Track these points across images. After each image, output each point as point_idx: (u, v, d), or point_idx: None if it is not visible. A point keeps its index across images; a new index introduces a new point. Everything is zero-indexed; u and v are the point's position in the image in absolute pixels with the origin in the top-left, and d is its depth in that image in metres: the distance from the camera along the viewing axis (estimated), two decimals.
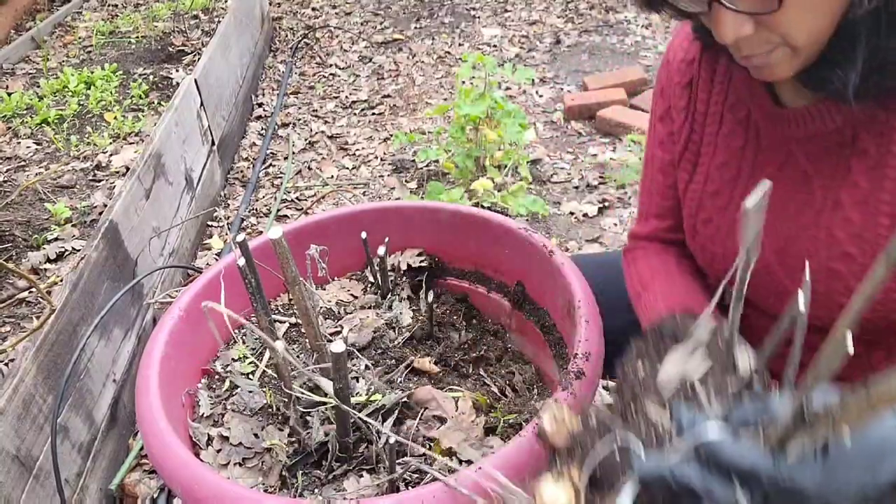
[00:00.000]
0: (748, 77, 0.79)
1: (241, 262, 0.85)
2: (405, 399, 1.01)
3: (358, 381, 1.04)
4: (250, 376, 1.09)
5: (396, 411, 0.99)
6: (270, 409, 1.02)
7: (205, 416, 1.01)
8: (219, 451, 0.95)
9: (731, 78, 0.86)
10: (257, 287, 0.91)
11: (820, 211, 0.78)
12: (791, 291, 0.80)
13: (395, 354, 1.12)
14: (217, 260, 2.01)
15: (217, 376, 1.10)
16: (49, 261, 1.84)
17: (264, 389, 1.04)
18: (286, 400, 0.94)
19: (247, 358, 1.13)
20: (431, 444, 0.95)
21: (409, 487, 0.87)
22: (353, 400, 0.92)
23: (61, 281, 1.73)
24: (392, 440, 0.78)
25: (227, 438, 0.96)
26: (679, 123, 0.93)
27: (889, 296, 0.73)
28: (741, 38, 0.67)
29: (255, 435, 0.97)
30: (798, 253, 0.80)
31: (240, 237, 0.85)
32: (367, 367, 1.08)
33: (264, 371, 1.09)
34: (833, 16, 0.65)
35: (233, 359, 1.13)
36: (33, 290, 1.68)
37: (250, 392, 1.05)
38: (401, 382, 1.06)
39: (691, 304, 0.89)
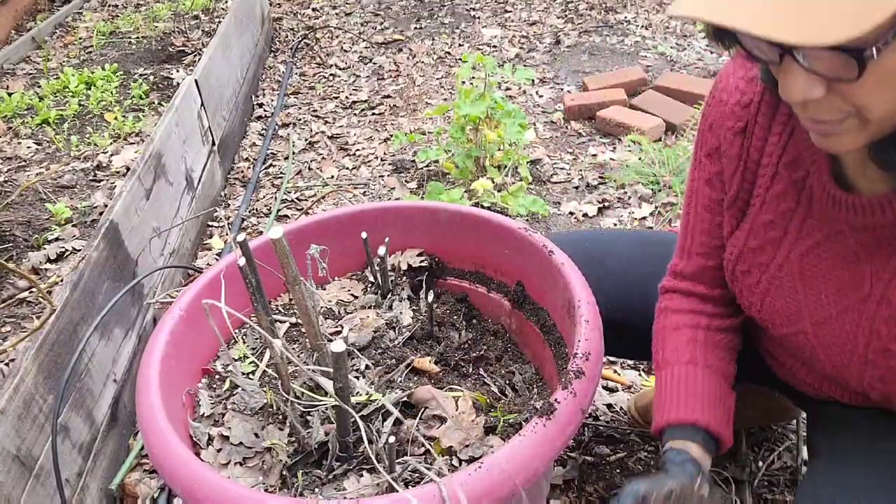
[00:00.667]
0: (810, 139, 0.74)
1: (242, 261, 0.85)
2: (405, 399, 1.02)
3: (358, 381, 1.05)
4: (251, 376, 1.09)
5: (396, 412, 0.99)
6: (271, 409, 1.02)
7: (205, 415, 1.01)
8: (219, 450, 0.95)
9: (793, 132, 0.79)
10: (258, 287, 0.91)
11: (866, 299, 0.75)
12: (822, 361, 0.80)
13: (395, 354, 1.12)
14: (217, 260, 2.01)
15: (217, 376, 1.10)
16: (49, 261, 1.84)
17: (264, 389, 1.05)
18: (286, 399, 0.94)
19: (247, 358, 1.13)
20: (431, 444, 0.95)
21: (409, 487, 0.87)
22: (353, 399, 0.92)
23: (62, 281, 1.73)
24: (391, 440, 0.78)
25: (227, 438, 0.97)
26: (731, 171, 0.87)
27: None
28: (809, 100, 0.60)
29: (256, 434, 0.97)
30: (837, 331, 0.78)
31: (240, 237, 0.85)
32: (367, 366, 1.08)
33: (265, 371, 1.09)
34: None
35: (233, 358, 1.13)
36: (34, 290, 1.68)
37: (250, 392, 1.05)
38: (401, 382, 1.06)
39: (703, 419, 0.87)
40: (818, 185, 0.77)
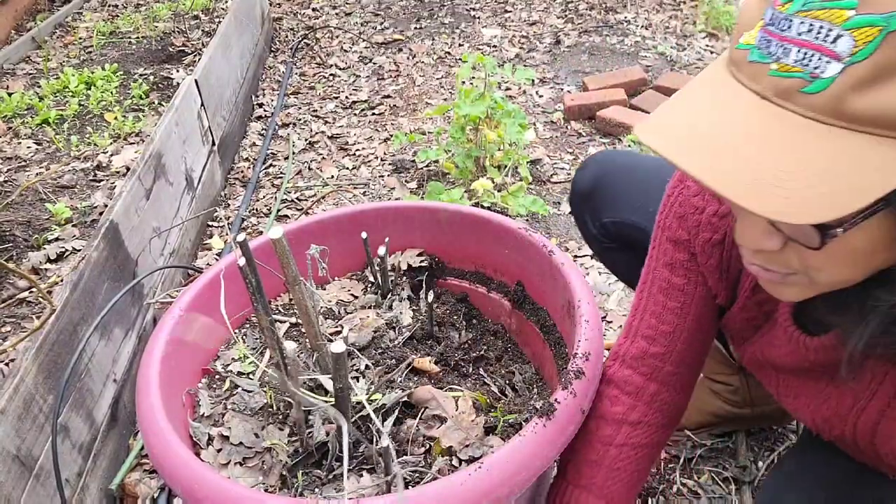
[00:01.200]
0: None
1: (242, 262, 0.85)
2: (406, 399, 1.02)
3: (358, 381, 1.05)
4: (251, 376, 1.09)
5: (396, 411, 0.99)
6: (271, 409, 1.02)
7: (205, 415, 1.01)
8: (219, 450, 0.95)
9: None
10: (258, 287, 0.91)
11: (859, 408, 0.75)
12: (822, 431, 0.81)
13: (394, 354, 1.12)
14: (217, 260, 2.01)
15: (217, 376, 1.10)
16: (49, 261, 1.84)
17: (264, 389, 1.05)
18: (288, 400, 0.94)
19: (247, 358, 1.13)
20: (431, 444, 0.95)
21: (409, 486, 0.87)
22: (353, 399, 0.92)
23: (62, 281, 1.73)
24: (386, 443, 0.78)
25: (227, 438, 0.97)
26: (714, 280, 0.86)
27: None
28: (763, 250, 0.60)
29: (256, 435, 0.97)
30: (830, 429, 0.79)
31: (240, 237, 0.85)
32: (367, 366, 1.08)
33: (265, 371, 1.09)
34: (867, 272, 0.59)
35: (233, 358, 1.13)
36: (34, 290, 1.68)
37: (250, 392, 1.05)
38: (401, 382, 1.06)
39: None
40: (781, 319, 0.78)
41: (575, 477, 0.94)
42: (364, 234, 1.20)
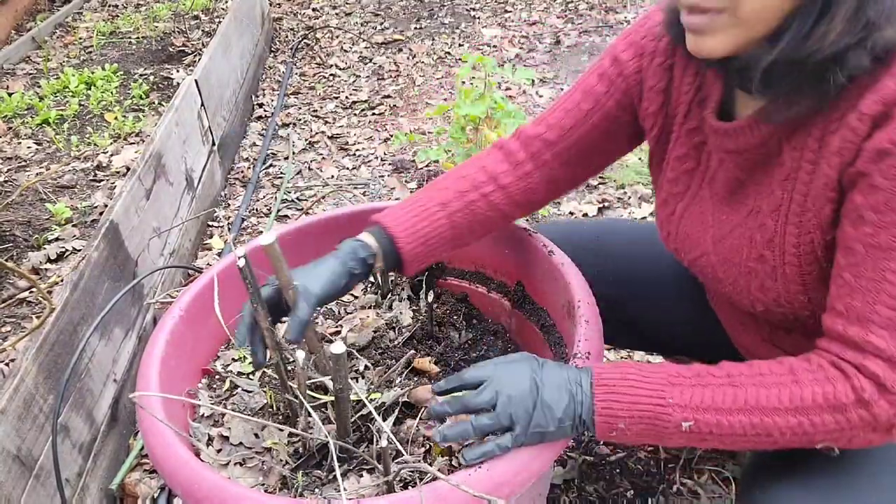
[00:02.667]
0: (712, 78, 0.84)
1: (242, 262, 0.85)
2: (406, 399, 1.01)
3: (357, 381, 1.05)
4: (250, 376, 1.09)
5: (396, 411, 0.99)
6: (271, 409, 1.02)
7: (205, 416, 1.01)
8: (219, 450, 0.95)
9: (706, 73, 0.87)
10: (256, 291, 0.91)
11: (748, 214, 0.83)
12: (720, 277, 0.90)
13: (395, 354, 1.12)
14: (218, 260, 2.01)
15: (217, 376, 1.10)
16: (50, 261, 1.84)
17: (264, 389, 1.05)
18: (290, 400, 0.94)
19: (247, 358, 1.13)
20: (431, 444, 0.95)
21: (409, 487, 0.87)
22: (352, 398, 0.92)
23: (62, 281, 1.73)
24: (384, 443, 0.78)
25: (227, 438, 0.97)
26: (655, 108, 0.94)
27: (795, 297, 0.80)
28: None
29: (256, 435, 0.97)
30: (729, 247, 0.87)
31: (240, 251, 0.85)
32: (366, 367, 1.08)
33: (264, 372, 1.09)
34: (783, 8, 0.66)
35: (233, 359, 1.13)
36: (34, 289, 1.68)
37: (250, 392, 1.05)
38: (400, 382, 1.06)
39: (394, 226, 0.96)
40: (707, 119, 0.85)
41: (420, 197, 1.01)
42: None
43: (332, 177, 2.57)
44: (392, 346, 1.15)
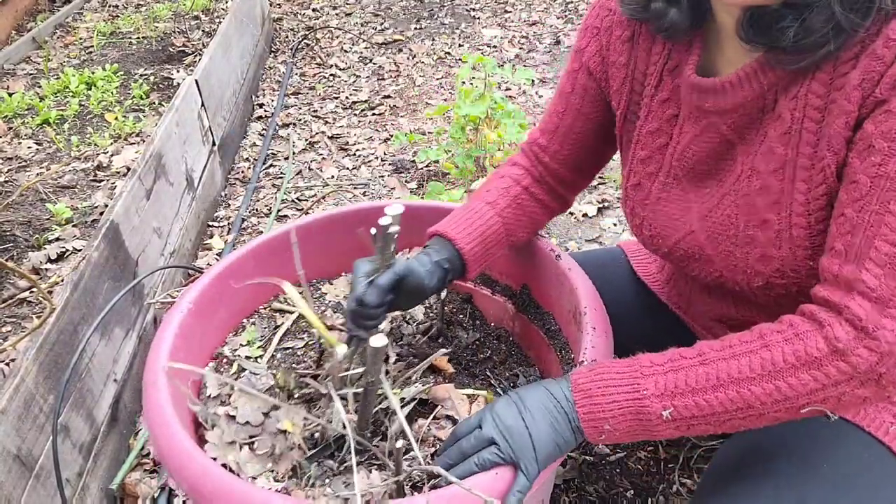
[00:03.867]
0: (686, 41, 0.80)
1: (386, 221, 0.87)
2: (423, 395, 1.01)
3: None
4: (257, 360, 1.10)
5: (410, 407, 0.99)
6: (280, 391, 1.02)
7: (211, 396, 1.01)
8: (226, 429, 0.95)
9: (680, 39, 0.83)
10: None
11: (739, 178, 0.78)
12: (709, 255, 0.84)
13: (415, 350, 1.12)
14: (217, 260, 2.01)
15: (225, 359, 1.10)
16: (50, 261, 1.84)
17: (272, 372, 1.05)
18: (314, 386, 0.94)
19: (254, 343, 1.13)
20: (440, 445, 0.95)
21: (417, 487, 0.87)
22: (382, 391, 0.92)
23: (62, 281, 1.73)
24: (399, 443, 0.78)
25: (233, 418, 0.96)
26: (618, 82, 0.92)
27: (803, 263, 0.75)
28: None
29: (265, 414, 0.96)
30: (720, 219, 0.81)
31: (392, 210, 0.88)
32: (393, 360, 1.08)
33: (273, 355, 1.10)
34: None
35: (241, 344, 1.13)
36: (34, 289, 1.69)
37: (256, 375, 1.05)
38: (418, 379, 1.05)
39: (455, 235, 0.96)
40: (685, 81, 0.81)
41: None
42: (373, 230, 1.20)
43: (332, 177, 2.57)
44: (414, 342, 1.15)
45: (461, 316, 1.24)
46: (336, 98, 3.20)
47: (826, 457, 0.78)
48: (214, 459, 0.90)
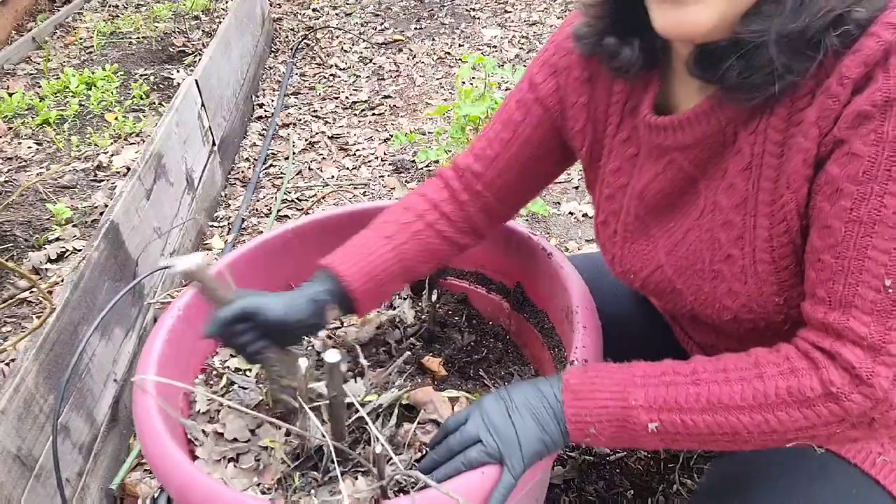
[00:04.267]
0: (642, 81, 0.80)
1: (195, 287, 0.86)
2: (406, 401, 1.01)
3: (357, 381, 1.04)
4: (247, 373, 1.09)
5: (396, 412, 0.99)
6: (267, 406, 1.02)
7: (200, 412, 1.01)
8: (213, 447, 0.95)
9: (635, 77, 0.81)
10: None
11: (702, 212, 0.77)
12: (679, 289, 0.83)
13: (401, 353, 1.12)
14: (217, 260, 2.01)
15: (214, 372, 1.10)
16: (50, 261, 1.84)
17: (260, 386, 1.05)
18: (287, 401, 0.94)
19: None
20: (427, 449, 0.95)
21: (403, 491, 0.87)
22: (349, 400, 0.92)
23: (62, 281, 1.73)
24: (379, 449, 0.78)
25: (221, 435, 0.96)
26: (581, 125, 0.90)
27: (769, 299, 0.74)
28: None
29: (251, 431, 0.97)
30: (686, 253, 0.80)
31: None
32: (368, 366, 1.08)
33: (262, 368, 1.10)
34: None
35: (231, 355, 1.13)
36: (34, 289, 1.69)
37: (245, 389, 1.05)
38: (400, 384, 1.05)
39: (343, 269, 0.91)
40: (642, 120, 0.80)
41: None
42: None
43: (332, 177, 2.57)
44: (398, 345, 1.14)
45: (456, 318, 1.24)
46: (336, 98, 3.20)
47: (810, 490, 0.77)
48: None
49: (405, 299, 1.24)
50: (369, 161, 2.67)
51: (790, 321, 0.74)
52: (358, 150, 2.75)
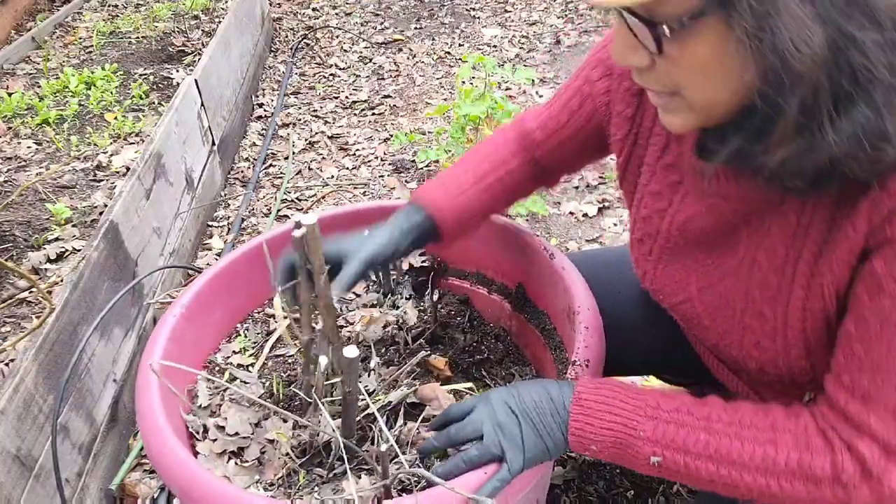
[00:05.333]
0: None
1: (299, 233, 0.84)
2: (412, 398, 1.01)
3: (368, 376, 1.04)
4: (249, 369, 1.09)
5: (402, 410, 0.99)
6: (270, 400, 1.02)
7: (202, 406, 1.01)
8: (214, 440, 0.95)
9: None
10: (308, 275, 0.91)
11: (741, 263, 0.76)
12: (707, 326, 0.82)
13: (409, 356, 1.12)
14: (217, 260, 2.01)
15: (217, 367, 1.10)
16: (49, 261, 1.84)
17: (263, 381, 1.05)
18: (300, 395, 0.94)
19: (246, 350, 1.13)
20: None
21: (406, 489, 0.87)
22: (362, 396, 0.92)
23: (62, 281, 1.73)
24: (384, 447, 0.78)
25: (223, 428, 0.96)
26: (622, 134, 0.89)
27: (796, 362, 0.74)
28: (634, 67, 0.64)
29: (256, 424, 0.97)
30: (718, 297, 0.79)
31: (308, 217, 0.86)
32: (377, 364, 1.08)
33: (265, 363, 1.10)
34: (731, 91, 0.59)
35: (233, 351, 1.13)
36: (34, 289, 1.68)
37: (248, 384, 1.05)
38: (408, 382, 1.05)
39: (430, 199, 0.98)
40: (686, 156, 0.79)
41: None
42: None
43: (332, 177, 2.57)
44: (405, 347, 1.14)
45: (458, 318, 1.24)
46: (336, 98, 3.20)
47: None
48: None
49: (408, 299, 1.24)
50: (369, 161, 2.67)
51: (816, 382, 0.73)
52: (358, 149, 2.75)
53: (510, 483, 0.77)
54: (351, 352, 0.79)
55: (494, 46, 3.64)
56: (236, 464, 0.93)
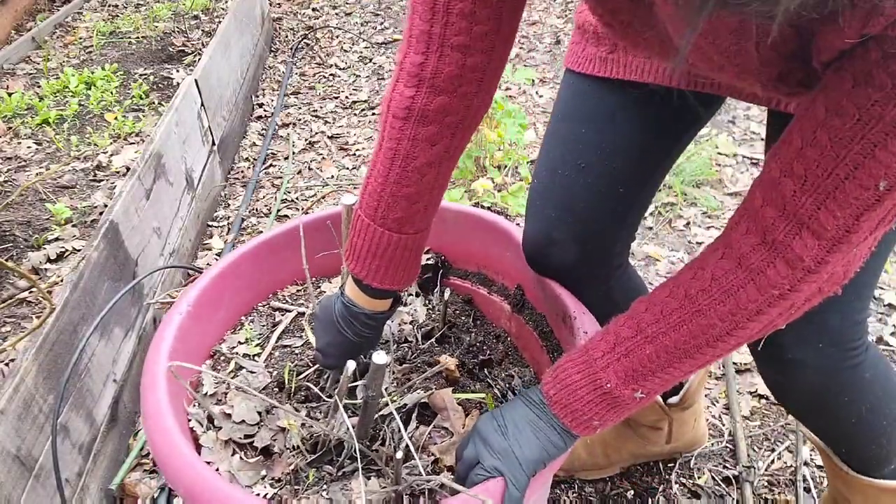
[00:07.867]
0: None
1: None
2: (424, 400, 1.01)
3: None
4: (255, 359, 1.09)
5: (415, 413, 0.99)
6: (276, 390, 1.02)
7: (207, 394, 1.01)
8: (219, 428, 0.95)
9: None
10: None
11: None
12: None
13: (420, 354, 1.12)
14: (217, 260, 2.01)
15: (222, 357, 1.10)
16: (49, 261, 1.84)
17: (270, 370, 1.05)
18: (319, 395, 0.94)
19: (253, 341, 1.13)
20: (439, 454, 0.95)
21: (413, 496, 0.87)
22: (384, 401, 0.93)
23: (62, 281, 1.73)
24: (399, 455, 0.80)
25: (229, 416, 0.96)
26: None
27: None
28: None
29: (259, 413, 0.96)
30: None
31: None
32: (392, 361, 1.09)
33: (271, 353, 1.10)
34: None
35: (239, 342, 1.13)
36: (34, 289, 1.68)
37: (254, 373, 1.05)
38: (421, 382, 1.05)
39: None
40: None
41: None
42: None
43: (332, 177, 2.57)
44: (420, 348, 1.14)
45: (463, 318, 1.24)
46: (336, 98, 3.20)
47: None
48: (209, 463, 0.90)
49: (417, 296, 1.25)
50: (369, 161, 2.67)
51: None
52: (358, 149, 2.75)
53: (529, 486, 0.79)
54: (380, 358, 0.80)
55: None
56: (241, 458, 0.92)
